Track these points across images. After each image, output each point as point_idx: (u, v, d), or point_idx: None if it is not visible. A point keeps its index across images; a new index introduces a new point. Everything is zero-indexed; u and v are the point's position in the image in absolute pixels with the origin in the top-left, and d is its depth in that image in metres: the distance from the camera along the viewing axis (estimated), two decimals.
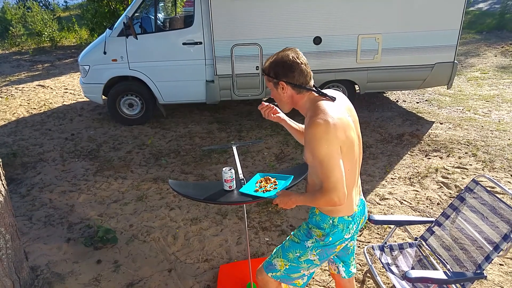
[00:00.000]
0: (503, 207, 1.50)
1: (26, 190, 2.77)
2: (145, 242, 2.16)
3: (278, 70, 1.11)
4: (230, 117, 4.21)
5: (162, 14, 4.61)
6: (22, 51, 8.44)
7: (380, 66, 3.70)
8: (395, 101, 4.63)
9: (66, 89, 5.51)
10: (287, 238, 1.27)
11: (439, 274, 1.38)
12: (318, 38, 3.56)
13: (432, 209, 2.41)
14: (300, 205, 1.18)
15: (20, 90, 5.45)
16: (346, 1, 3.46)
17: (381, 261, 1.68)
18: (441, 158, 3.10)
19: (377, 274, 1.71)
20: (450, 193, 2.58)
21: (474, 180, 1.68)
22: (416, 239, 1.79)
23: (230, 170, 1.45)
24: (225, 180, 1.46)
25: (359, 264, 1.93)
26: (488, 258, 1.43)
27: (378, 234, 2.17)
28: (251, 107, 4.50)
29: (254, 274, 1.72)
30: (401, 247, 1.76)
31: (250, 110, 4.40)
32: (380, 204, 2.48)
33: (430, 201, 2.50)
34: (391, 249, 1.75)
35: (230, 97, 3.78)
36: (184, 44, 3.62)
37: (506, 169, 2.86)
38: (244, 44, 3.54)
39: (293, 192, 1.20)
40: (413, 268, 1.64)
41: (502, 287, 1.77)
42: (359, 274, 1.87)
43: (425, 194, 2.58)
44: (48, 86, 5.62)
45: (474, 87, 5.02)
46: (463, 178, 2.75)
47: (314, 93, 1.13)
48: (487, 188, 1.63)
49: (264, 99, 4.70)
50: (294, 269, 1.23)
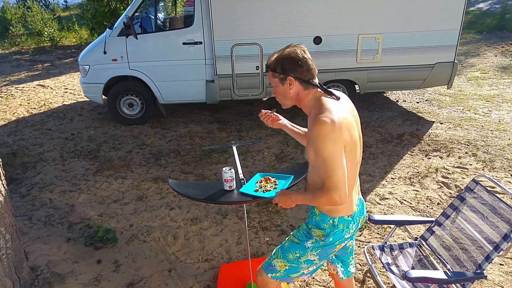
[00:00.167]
0: (503, 207, 1.50)
1: (26, 190, 2.77)
2: (145, 242, 2.16)
3: (286, 65, 1.09)
4: (230, 117, 4.21)
5: (162, 14, 4.61)
6: (22, 51, 8.43)
7: (380, 66, 3.69)
8: (395, 101, 4.63)
9: (66, 89, 5.50)
10: (287, 239, 1.27)
11: (439, 274, 1.38)
12: (318, 38, 3.56)
13: (432, 209, 2.41)
14: (300, 204, 1.18)
15: (20, 90, 5.45)
16: (346, 1, 3.46)
17: (381, 261, 1.68)
18: (441, 158, 3.10)
19: (377, 274, 1.71)
20: (450, 193, 2.58)
21: (474, 180, 1.68)
22: (416, 239, 1.79)
23: (230, 170, 1.45)
24: (225, 180, 1.46)
25: (359, 264, 1.93)
26: (488, 258, 1.43)
27: (378, 234, 2.17)
28: (251, 107, 4.50)
29: (254, 274, 1.72)
30: (401, 247, 1.76)
31: (250, 110, 4.40)
32: (380, 204, 2.48)
33: (430, 201, 2.50)
34: (391, 249, 1.75)
35: (230, 97, 3.78)
36: (184, 44, 3.62)
37: (506, 169, 2.86)
38: (244, 44, 3.54)
39: (293, 191, 1.20)
40: (413, 268, 1.64)
41: (502, 287, 1.77)
42: (359, 274, 1.87)
43: (425, 194, 2.58)
44: (48, 86, 5.62)
45: (474, 87, 5.02)
46: (463, 178, 2.75)
47: (319, 90, 1.13)
48: (487, 188, 1.63)
49: (264, 99, 4.71)
50: (294, 269, 1.23)
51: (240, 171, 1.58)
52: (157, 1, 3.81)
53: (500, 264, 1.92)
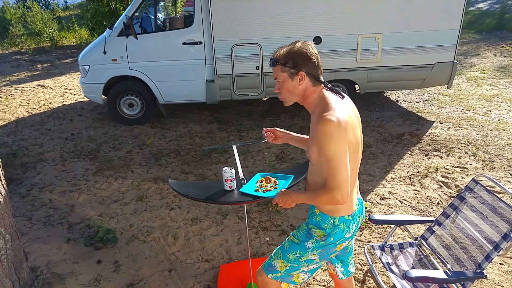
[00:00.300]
0: (503, 207, 1.50)
1: (26, 190, 2.76)
2: (145, 242, 2.16)
3: (297, 59, 1.07)
4: (230, 117, 4.21)
5: (162, 14, 4.61)
6: (21, 51, 8.43)
7: (380, 66, 3.70)
8: (395, 100, 4.63)
9: (66, 89, 5.50)
10: (287, 239, 1.27)
11: (440, 273, 1.38)
12: (318, 38, 3.56)
13: (432, 208, 2.41)
14: (300, 204, 1.18)
15: (19, 90, 5.44)
16: (346, 1, 3.46)
17: (381, 260, 1.68)
18: (441, 157, 3.10)
19: (377, 274, 1.71)
20: (450, 192, 2.58)
21: (474, 179, 1.68)
22: (416, 239, 1.79)
23: (231, 170, 1.45)
24: (225, 180, 1.46)
25: (360, 263, 1.94)
26: (488, 258, 1.43)
27: (378, 233, 2.17)
28: (251, 107, 4.50)
29: (255, 274, 1.72)
30: (401, 247, 1.76)
31: (250, 110, 4.40)
32: (380, 203, 2.48)
33: (430, 200, 2.50)
34: (392, 248, 1.75)
35: (230, 97, 3.78)
36: (184, 44, 3.62)
37: (505, 168, 2.86)
38: (244, 44, 3.54)
39: (293, 191, 1.20)
40: (413, 267, 1.64)
41: (502, 286, 1.77)
42: (360, 273, 1.87)
43: (425, 193, 2.58)
44: (48, 86, 5.62)
45: (474, 87, 5.03)
46: (463, 178, 2.75)
47: (324, 88, 1.12)
48: (487, 187, 1.63)
49: (264, 99, 4.71)
50: (294, 269, 1.23)
51: (240, 171, 1.58)
52: (157, 1, 3.81)
53: (500, 263, 1.92)
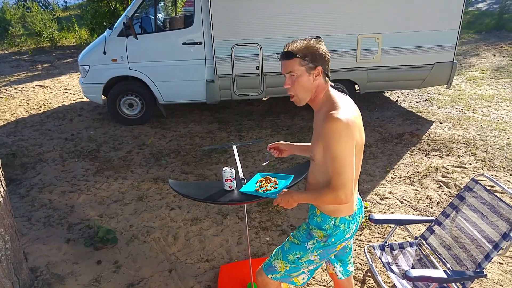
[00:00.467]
0: (503, 206, 1.50)
1: (26, 190, 2.76)
2: (145, 242, 2.16)
3: (316, 54, 1.06)
4: (230, 117, 4.21)
5: (162, 14, 4.61)
6: (21, 51, 8.42)
7: (380, 66, 3.70)
8: (395, 100, 4.64)
9: (66, 89, 5.50)
10: (287, 240, 1.27)
11: (439, 273, 1.38)
12: (318, 38, 3.56)
13: (432, 208, 2.41)
14: (300, 204, 1.18)
15: (19, 90, 5.44)
16: (346, 1, 3.47)
17: (381, 260, 1.68)
18: (440, 157, 3.11)
19: (377, 273, 1.71)
20: (450, 192, 2.58)
21: (473, 179, 1.68)
22: (416, 238, 1.79)
23: (231, 169, 1.45)
24: (225, 180, 1.46)
25: (360, 263, 1.94)
26: (487, 257, 1.44)
27: (378, 233, 2.17)
28: (251, 107, 4.50)
29: (255, 274, 1.72)
30: (401, 246, 1.76)
31: (250, 110, 4.40)
32: (380, 203, 2.48)
33: (430, 200, 2.50)
34: (392, 248, 1.75)
35: (230, 97, 3.78)
36: (184, 44, 3.62)
37: (505, 168, 2.87)
38: (244, 44, 3.54)
39: (294, 191, 1.20)
40: (413, 267, 1.64)
41: (502, 286, 1.77)
42: (360, 273, 1.87)
43: (425, 193, 2.58)
44: (47, 86, 5.61)
45: (473, 87, 5.03)
46: (463, 177, 2.75)
47: (330, 86, 1.13)
48: (487, 187, 1.63)
49: (264, 99, 4.71)
50: (294, 269, 1.23)
51: (240, 171, 1.58)
52: (157, 1, 3.81)
53: (499, 262, 1.92)
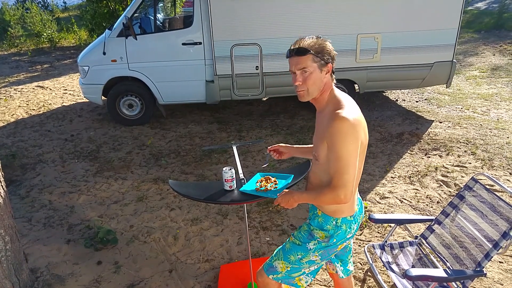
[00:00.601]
0: (502, 205, 1.50)
1: (26, 191, 2.76)
2: (145, 242, 2.16)
3: (328, 52, 1.08)
4: (230, 117, 4.21)
5: (162, 14, 4.61)
6: (21, 52, 8.42)
7: (379, 66, 3.70)
8: (395, 100, 4.64)
9: (66, 90, 5.50)
10: (288, 240, 1.26)
11: (439, 272, 1.39)
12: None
13: (432, 207, 2.42)
14: (300, 204, 1.18)
15: (19, 91, 5.44)
16: (346, 1, 3.47)
17: (381, 259, 1.68)
18: (440, 156, 3.11)
19: (377, 273, 1.71)
20: (450, 191, 2.59)
21: (473, 178, 1.68)
22: (416, 238, 1.79)
23: (230, 169, 1.45)
24: (225, 180, 1.46)
25: (360, 263, 1.94)
26: (487, 256, 1.44)
27: (378, 233, 2.17)
28: (251, 107, 4.50)
29: (255, 274, 1.72)
30: (401, 246, 1.76)
31: (250, 110, 4.40)
32: (380, 203, 2.48)
33: (430, 199, 2.51)
34: (392, 247, 1.75)
35: (230, 97, 3.78)
36: (183, 44, 3.62)
37: (505, 167, 2.87)
38: (243, 44, 3.54)
39: (295, 190, 1.19)
40: (413, 266, 1.64)
41: (502, 284, 1.77)
42: (360, 273, 1.87)
43: (425, 192, 2.58)
44: (47, 87, 5.61)
45: (472, 86, 5.04)
46: (463, 177, 2.75)
47: (334, 86, 1.14)
48: (486, 186, 1.63)
49: (264, 99, 4.71)
50: (295, 270, 1.23)
51: (240, 171, 1.58)
52: (156, 1, 3.81)
53: (499, 261, 1.92)
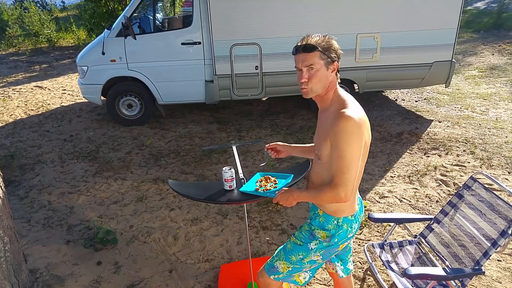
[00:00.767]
0: (501, 204, 1.51)
1: (25, 192, 2.76)
2: (145, 243, 2.16)
3: (334, 50, 1.07)
4: (229, 117, 4.21)
5: (161, 14, 4.60)
6: (19, 52, 8.39)
7: (379, 65, 3.71)
8: (394, 100, 4.65)
9: (64, 90, 5.48)
10: (289, 240, 1.26)
11: (438, 270, 1.39)
12: None
13: (431, 206, 2.42)
14: (300, 203, 1.18)
15: (17, 91, 5.42)
16: (345, 0, 3.47)
17: (381, 258, 1.69)
18: (439, 156, 3.12)
19: (377, 272, 1.72)
20: (449, 190, 2.60)
21: (472, 177, 1.69)
22: (415, 237, 1.80)
23: (230, 169, 1.45)
24: (225, 179, 1.46)
25: (360, 262, 1.94)
26: (486, 254, 1.45)
27: (378, 232, 2.18)
28: (251, 107, 4.51)
29: (255, 274, 1.72)
30: (400, 245, 1.77)
31: (250, 110, 4.41)
32: (379, 202, 2.49)
33: (429, 198, 2.51)
34: (391, 246, 1.76)
35: (229, 97, 3.78)
36: (183, 44, 3.61)
37: (503, 166, 2.88)
38: (243, 43, 3.54)
39: (294, 189, 1.19)
40: (412, 265, 1.65)
41: (500, 283, 1.78)
42: (360, 272, 1.88)
43: (424, 192, 2.59)
44: (45, 87, 5.60)
45: (471, 86, 5.05)
46: (462, 176, 2.76)
47: (338, 86, 1.14)
48: (485, 185, 1.64)
49: (264, 99, 4.71)
50: (296, 269, 1.23)
51: (240, 171, 1.58)
52: (155, 1, 3.80)
53: (498, 260, 1.93)
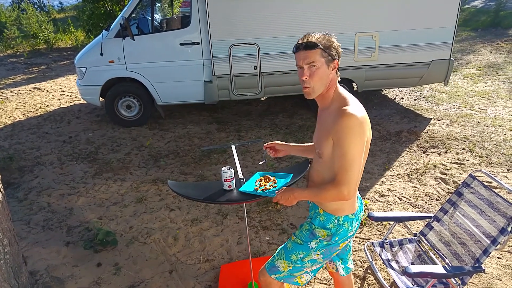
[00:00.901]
0: (500, 201, 1.51)
1: (24, 194, 2.75)
2: (145, 244, 2.16)
3: (335, 48, 1.07)
4: (229, 117, 4.21)
5: (159, 14, 4.60)
6: (17, 54, 8.37)
7: (377, 64, 3.71)
8: (393, 98, 4.66)
9: (63, 91, 5.47)
10: (289, 239, 1.26)
11: (438, 268, 1.39)
12: None
13: (430, 204, 2.43)
14: (299, 202, 1.18)
15: (15, 93, 5.41)
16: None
17: (381, 257, 1.69)
18: (439, 154, 3.12)
19: (377, 271, 1.72)
20: (448, 188, 2.60)
21: (471, 175, 1.69)
22: (415, 235, 1.80)
23: (229, 169, 1.45)
24: (224, 179, 1.46)
25: (360, 261, 1.95)
26: (486, 252, 1.45)
27: (378, 230, 2.18)
28: (250, 107, 4.50)
29: (255, 274, 1.72)
30: (400, 243, 1.77)
31: (249, 110, 4.40)
32: (379, 201, 2.49)
33: (429, 197, 2.52)
34: (391, 245, 1.76)
35: (228, 97, 3.78)
36: (181, 44, 3.61)
37: (502, 163, 2.89)
38: (241, 43, 3.54)
39: (295, 187, 1.19)
40: (412, 263, 1.65)
41: (501, 280, 1.79)
42: (360, 271, 1.88)
43: (423, 190, 2.60)
44: (44, 89, 5.58)
45: (470, 84, 5.06)
46: (461, 174, 2.77)
47: (338, 84, 1.14)
48: (484, 182, 1.64)
49: (263, 98, 4.71)
50: (297, 269, 1.23)
51: (239, 171, 1.58)
52: (153, 2, 3.80)
53: (497, 257, 1.94)
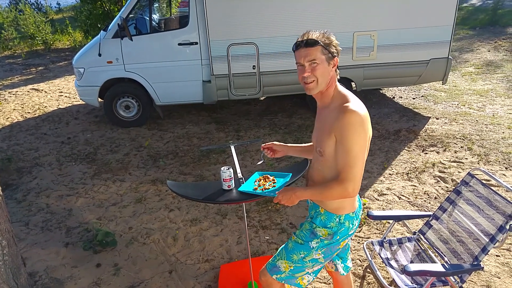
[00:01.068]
0: (498, 199, 1.52)
1: (22, 195, 2.74)
2: (144, 244, 2.16)
3: (335, 46, 1.08)
4: (228, 117, 4.20)
5: (157, 14, 4.59)
6: (14, 55, 8.34)
7: (376, 63, 3.72)
8: (392, 97, 4.67)
9: (61, 92, 5.46)
10: (290, 239, 1.26)
11: (438, 266, 1.40)
12: None
13: (429, 203, 2.43)
14: (299, 202, 1.17)
15: (13, 94, 5.39)
16: None
17: (380, 256, 1.69)
18: (437, 152, 3.13)
19: (377, 269, 1.72)
20: (447, 187, 2.61)
21: (469, 173, 1.70)
22: (414, 233, 1.80)
23: (229, 169, 1.45)
24: (223, 179, 1.46)
25: (359, 259, 1.95)
26: (484, 250, 1.45)
27: (377, 229, 2.19)
28: (249, 107, 4.50)
29: (255, 273, 1.72)
30: (400, 242, 1.77)
31: (248, 110, 4.40)
32: (378, 199, 2.50)
33: (428, 195, 2.52)
34: (390, 244, 1.76)
35: (227, 97, 3.77)
36: (179, 44, 3.60)
37: (500, 162, 2.90)
38: (240, 43, 3.53)
39: (296, 187, 1.18)
40: (412, 261, 1.66)
41: (499, 278, 1.79)
42: (359, 269, 1.88)
43: (422, 188, 2.60)
44: (42, 90, 5.57)
45: (468, 82, 5.08)
46: (459, 172, 2.78)
47: (337, 82, 1.14)
48: (483, 181, 1.65)
49: (261, 98, 4.71)
50: (298, 269, 1.22)
51: (238, 171, 1.58)
52: (151, 2, 3.79)
53: (496, 255, 1.94)
